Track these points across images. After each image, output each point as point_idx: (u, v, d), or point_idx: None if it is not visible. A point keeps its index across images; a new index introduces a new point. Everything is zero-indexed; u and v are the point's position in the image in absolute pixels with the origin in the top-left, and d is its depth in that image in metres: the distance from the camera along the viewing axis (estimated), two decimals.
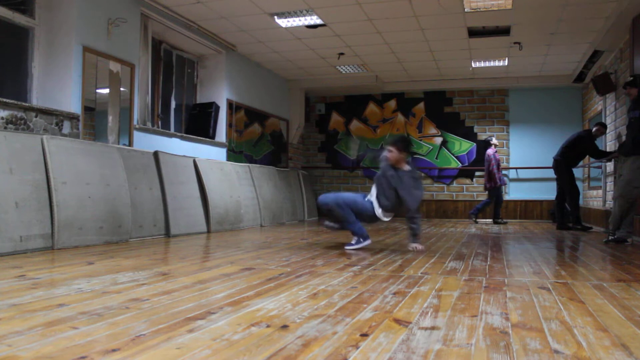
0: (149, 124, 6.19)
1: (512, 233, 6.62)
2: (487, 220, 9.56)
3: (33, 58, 5.04)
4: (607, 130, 7.58)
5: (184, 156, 6.25)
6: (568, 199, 7.37)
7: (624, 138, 5.51)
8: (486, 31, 7.16)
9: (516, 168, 9.95)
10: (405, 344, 1.56)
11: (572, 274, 3.08)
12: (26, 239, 3.82)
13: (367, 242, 4.47)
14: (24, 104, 4.51)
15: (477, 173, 10.25)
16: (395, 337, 1.64)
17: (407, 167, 4.39)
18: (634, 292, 2.50)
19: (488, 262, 3.60)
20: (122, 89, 5.72)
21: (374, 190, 4.46)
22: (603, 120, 7.81)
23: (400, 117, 10.65)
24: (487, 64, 8.82)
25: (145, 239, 5.10)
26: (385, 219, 4.44)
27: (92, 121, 5.38)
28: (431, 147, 10.45)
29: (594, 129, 7.30)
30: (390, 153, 4.35)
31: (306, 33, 7.25)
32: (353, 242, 4.44)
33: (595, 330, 1.77)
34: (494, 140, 8.90)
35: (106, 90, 5.56)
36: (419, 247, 4.40)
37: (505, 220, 9.08)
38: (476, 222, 8.88)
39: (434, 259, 3.77)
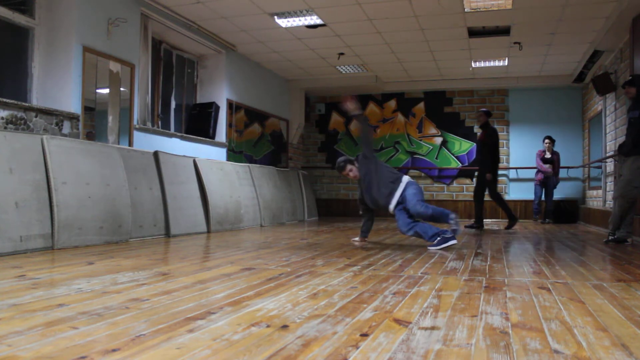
0: (149, 124, 6.19)
1: (512, 233, 6.62)
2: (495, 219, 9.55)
3: (33, 58, 5.04)
4: (607, 130, 7.58)
5: (184, 156, 6.25)
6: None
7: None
8: (486, 31, 7.16)
9: (516, 168, 9.95)
10: (405, 344, 1.56)
11: (572, 274, 3.08)
12: (26, 239, 3.82)
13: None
14: (24, 104, 4.51)
15: (476, 173, 10.23)
16: (395, 337, 1.64)
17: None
18: (634, 292, 2.50)
19: (488, 262, 3.59)
20: (122, 89, 5.72)
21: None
22: (603, 121, 7.81)
23: (400, 117, 10.65)
24: (487, 64, 8.82)
25: (145, 239, 5.10)
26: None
27: (92, 121, 5.38)
28: (431, 147, 10.45)
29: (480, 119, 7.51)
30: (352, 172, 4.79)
31: (306, 33, 7.25)
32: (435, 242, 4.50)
33: (595, 330, 1.76)
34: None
35: (106, 90, 5.56)
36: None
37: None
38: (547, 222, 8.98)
39: (434, 259, 3.77)
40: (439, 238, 4.41)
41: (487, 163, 7.20)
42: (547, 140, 9.00)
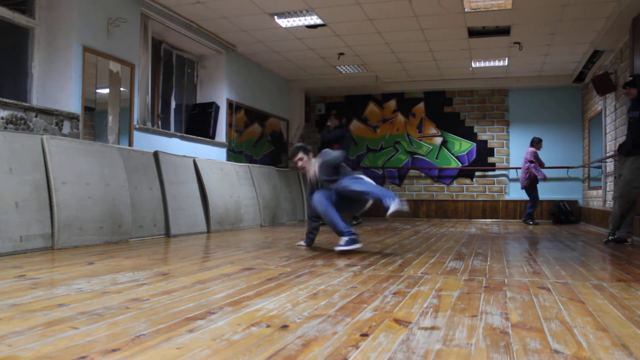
0: (149, 124, 6.19)
1: (512, 233, 6.62)
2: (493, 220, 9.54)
3: (33, 58, 5.04)
4: (607, 130, 7.58)
5: (184, 156, 6.25)
6: None
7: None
8: (486, 31, 7.16)
9: (516, 168, 9.95)
10: (405, 344, 1.56)
11: (572, 274, 3.08)
12: (26, 239, 3.82)
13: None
14: (24, 104, 4.51)
15: (477, 173, 10.25)
16: (395, 337, 1.64)
17: (315, 161, 4.53)
18: (634, 292, 2.50)
19: (488, 262, 3.59)
20: (122, 89, 5.72)
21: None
22: (603, 121, 7.81)
23: (400, 117, 10.65)
24: (487, 64, 8.82)
25: (145, 239, 5.10)
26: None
27: (92, 121, 5.38)
28: (431, 147, 10.45)
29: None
30: (301, 162, 4.48)
31: (306, 33, 7.25)
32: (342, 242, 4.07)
33: (595, 330, 1.76)
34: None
35: (106, 90, 5.56)
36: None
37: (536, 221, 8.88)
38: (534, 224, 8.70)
39: (434, 259, 3.77)
40: (347, 238, 4.01)
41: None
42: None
